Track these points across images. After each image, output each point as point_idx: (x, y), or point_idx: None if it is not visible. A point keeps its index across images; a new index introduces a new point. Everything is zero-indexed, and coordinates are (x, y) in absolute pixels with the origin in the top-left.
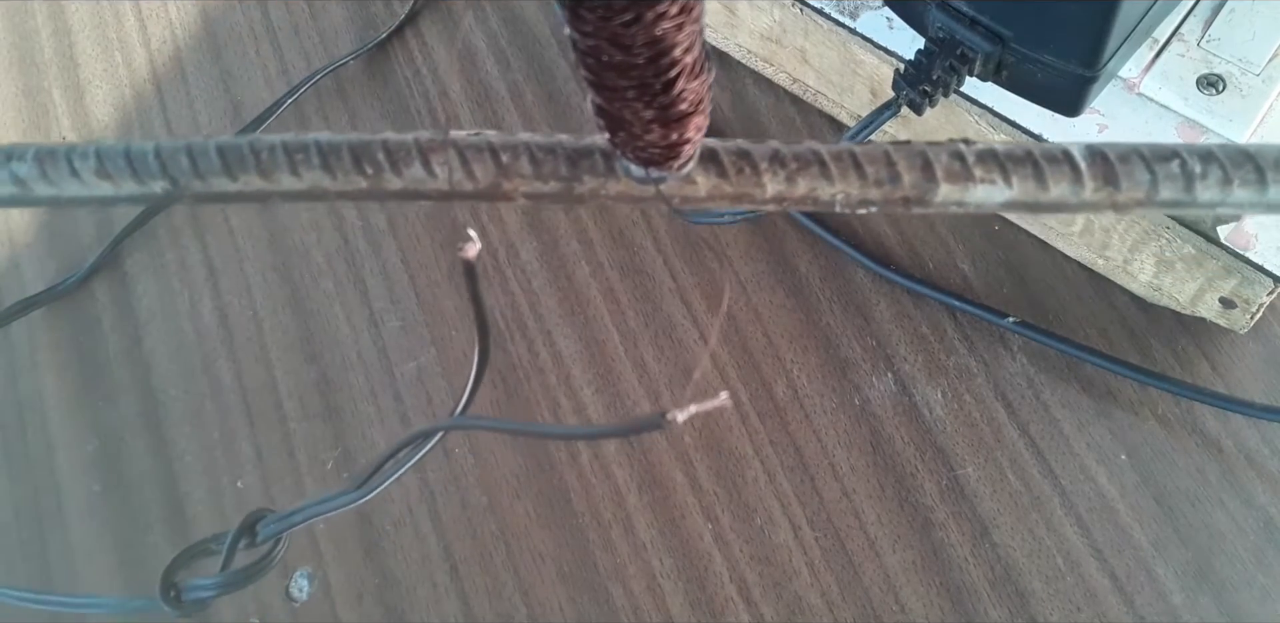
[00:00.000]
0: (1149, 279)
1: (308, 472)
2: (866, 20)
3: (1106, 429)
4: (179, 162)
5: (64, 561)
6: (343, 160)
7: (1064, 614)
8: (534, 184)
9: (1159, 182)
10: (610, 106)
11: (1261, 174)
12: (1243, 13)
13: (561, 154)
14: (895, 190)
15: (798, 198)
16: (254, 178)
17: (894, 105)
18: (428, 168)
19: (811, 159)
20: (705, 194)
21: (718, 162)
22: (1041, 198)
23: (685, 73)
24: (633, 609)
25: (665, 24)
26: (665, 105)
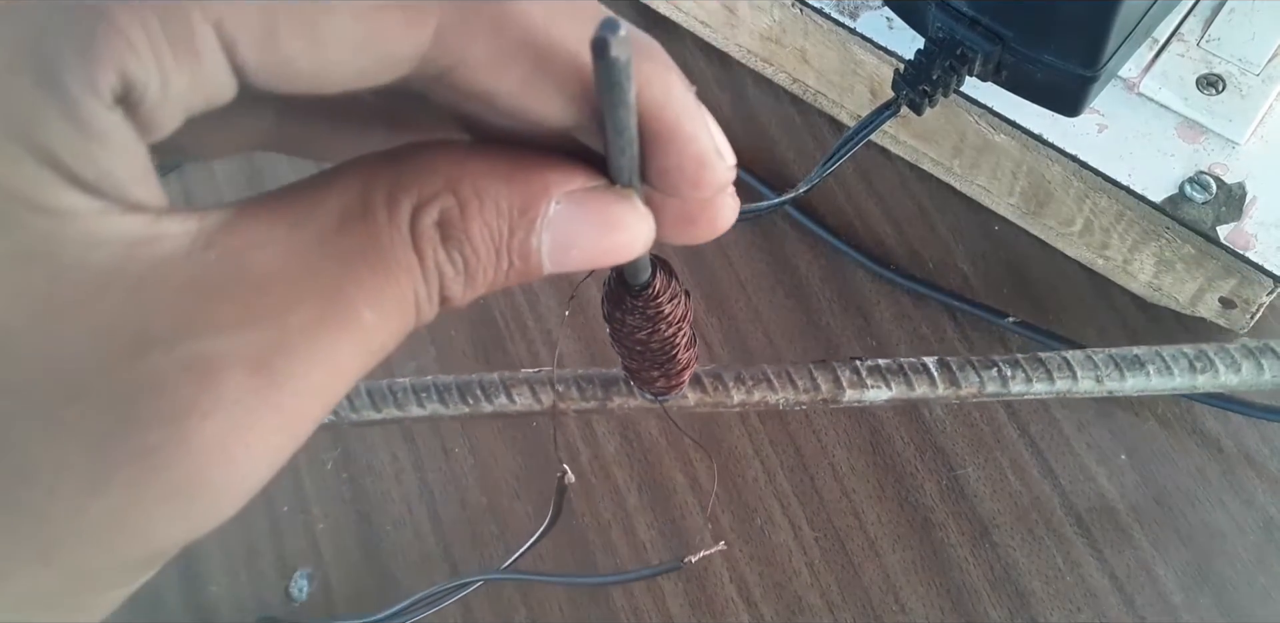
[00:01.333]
0: (1149, 279)
1: (307, 472)
2: (866, 20)
3: (1106, 429)
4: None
5: None
6: (452, 395)
7: (1064, 614)
8: (580, 404)
9: (984, 381)
10: (633, 367)
11: (1049, 374)
12: (1243, 13)
13: (598, 383)
14: (818, 394)
15: (755, 402)
16: (392, 410)
17: (894, 105)
18: (509, 398)
19: (761, 378)
20: (693, 404)
21: (701, 384)
22: (911, 395)
23: (681, 350)
24: (632, 610)
25: (669, 331)
26: (668, 369)
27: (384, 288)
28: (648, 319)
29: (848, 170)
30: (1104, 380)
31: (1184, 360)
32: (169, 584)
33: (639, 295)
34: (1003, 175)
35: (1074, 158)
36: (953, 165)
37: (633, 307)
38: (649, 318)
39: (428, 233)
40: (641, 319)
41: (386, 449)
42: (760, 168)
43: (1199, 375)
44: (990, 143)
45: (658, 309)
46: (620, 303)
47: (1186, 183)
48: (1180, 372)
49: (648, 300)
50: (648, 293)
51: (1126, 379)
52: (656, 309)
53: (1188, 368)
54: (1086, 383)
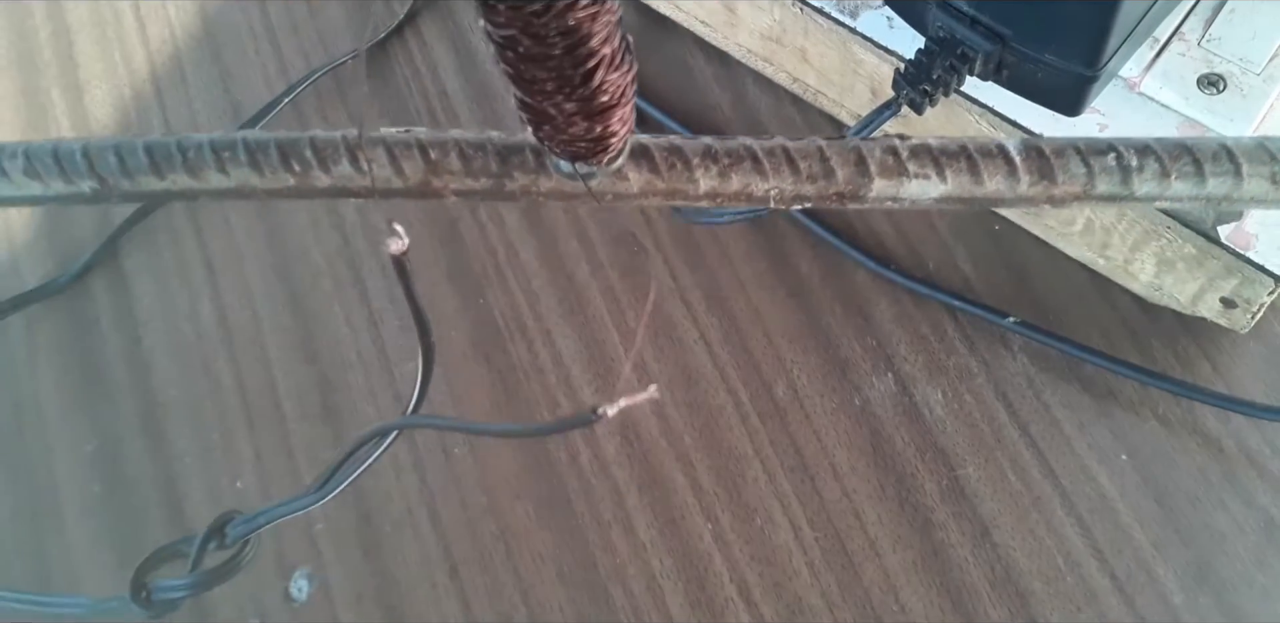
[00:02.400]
0: (1150, 279)
1: (307, 472)
2: (867, 19)
3: (1107, 429)
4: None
5: (62, 561)
6: (270, 158)
7: (1064, 615)
8: (464, 181)
9: (1095, 175)
10: (532, 100)
11: (1199, 167)
12: (1243, 12)
13: (492, 151)
14: (829, 186)
15: (731, 194)
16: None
17: (894, 105)
18: (355, 165)
19: (744, 155)
20: (638, 190)
21: (649, 157)
22: (977, 192)
23: (604, 63)
24: (632, 610)
25: (578, 13)
26: (586, 97)
27: None
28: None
29: None
30: None
31: None
32: None
33: None
34: None
35: None
36: None
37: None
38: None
39: None
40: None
41: (386, 448)
42: None
43: None
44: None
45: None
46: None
47: None
48: None
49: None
50: None
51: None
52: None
53: None
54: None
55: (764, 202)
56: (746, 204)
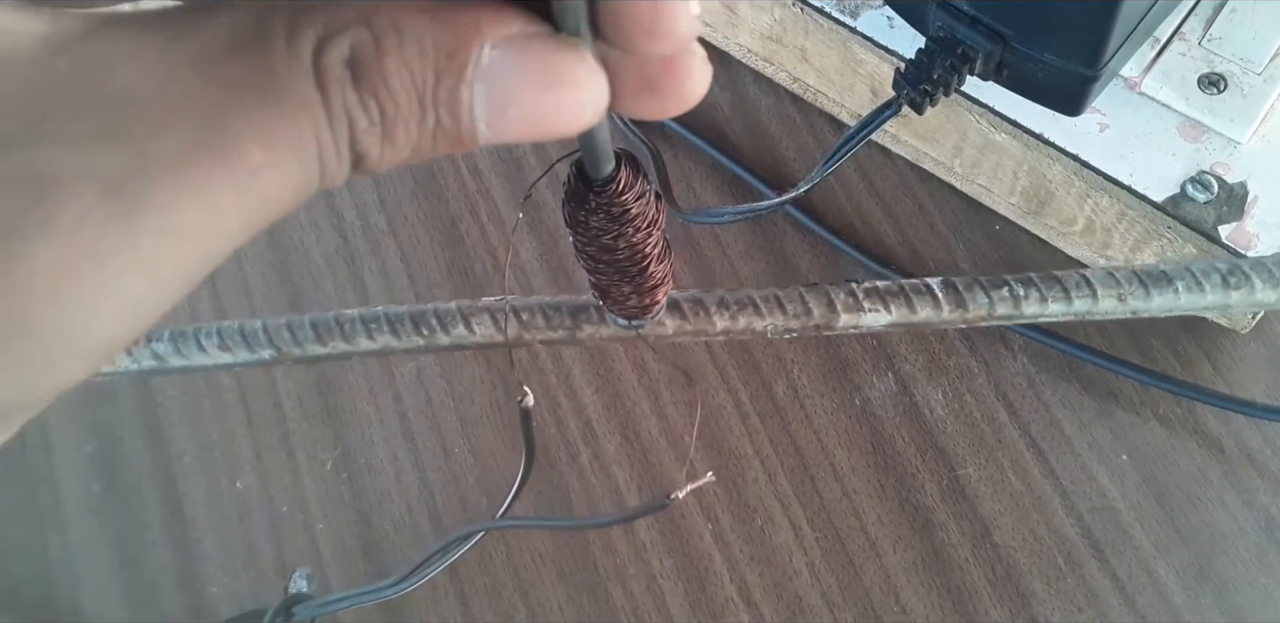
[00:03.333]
0: None
1: (307, 472)
2: (867, 19)
3: (1108, 429)
4: (282, 335)
5: (63, 560)
6: (405, 326)
7: (1065, 615)
8: (546, 333)
9: (994, 303)
10: (600, 284)
11: (1066, 293)
12: (1244, 12)
13: (565, 310)
14: (809, 320)
15: (739, 330)
16: (339, 343)
17: (895, 104)
18: (468, 328)
19: (747, 302)
20: (672, 332)
21: (680, 309)
22: (913, 319)
23: (653, 261)
24: (632, 610)
25: (638, 235)
26: (640, 283)
27: (277, 124)
28: (613, 220)
29: (848, 170)
30: (1127, 299)
31: (1216, 276)
32: (168, 585)
33: (602, 191)
34: (1004, 175)
35: (1075, 157)
36: (954, 165)
37: (596, 206)
38: (614, 218)
39: (335, 69)
40: (606, 220)
41: (386, 449)
42: (761, 167)
43: (1233, 292)
44: (991, 142)
45: (624, 208)
46: (582, 202)
47: (1188, 182)
48: (1212, 288)
49: (612, 197)
50: (612, 188)
51: (1152, 298)
52: (622, 208)
53: (1220, 284)
54: (1108, 302)
55: (763, 334)
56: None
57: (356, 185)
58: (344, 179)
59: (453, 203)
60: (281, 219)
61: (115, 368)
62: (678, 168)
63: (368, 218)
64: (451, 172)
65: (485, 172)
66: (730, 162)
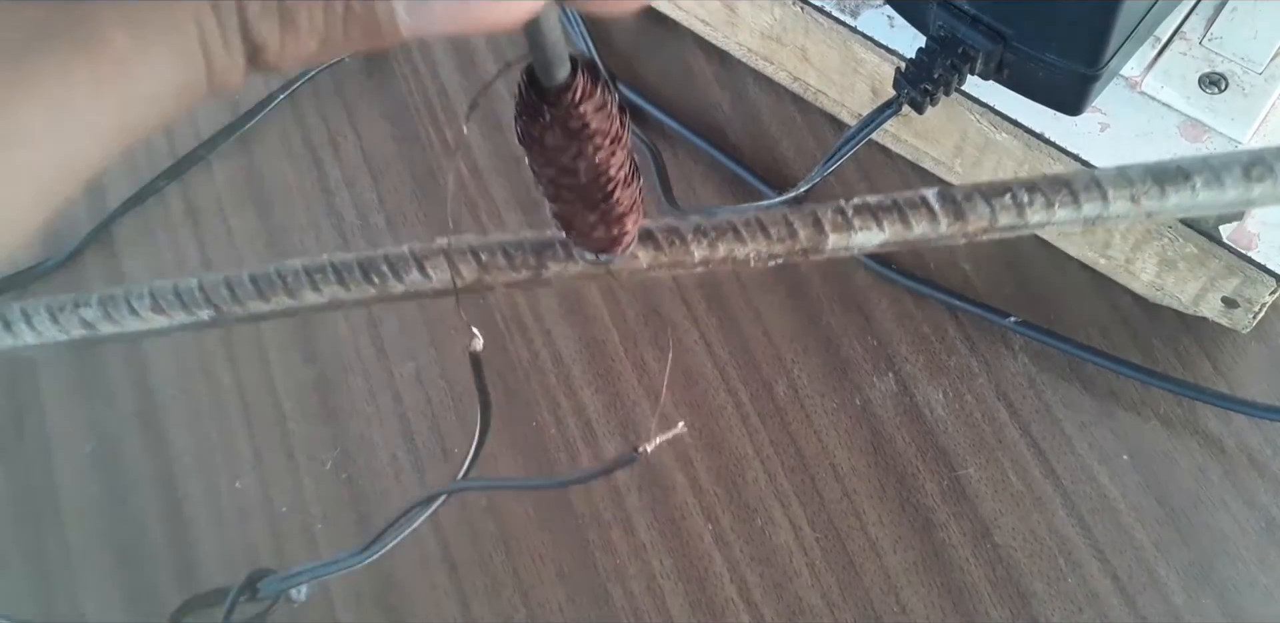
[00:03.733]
0: (1151, 279)
1: (306, 472)
2: (867, 18)
3: (1108, 429)
4: (220, 292)
5: (62, 561)
6: (354, 274)
7: (1066, 615)
8: (509, 275)
9: (996, 212)
10: (563, 212)
11: (1075, 196)
12: (1245, 11)
13: (529, 248)
14: (795, 244)
15: (720, 259)
16: (283, 298)
17: (895, 104)
18: (424, 272)
19: (726, 227)
20: (646, 265)
21: (654, 238)
22: (908, 236)
23: (619, 185)
24: (632, 610)
25: (600, 154)
26: (605, 211)
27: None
28: (570, 135)
29: (849, 169)
30: (1141, 199)
31: (1236, 168)
32: (167, 585)
33: (556, 102)
34: (1004, 174)
35: (1076, 157)
36: (954, 164)
37: (551, 118)
38: (572, 133)
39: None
40: (563, 136)
41: (386, 450)
42: (761, 167)
43: (1255, 185)
44: (992, 142)
45: (581, 120)
46: (535, 115)
47: None
48: (1233, 181)
49: (568, 108)
50: (567, 97)
51: (1169, 196)
52: (580, 120)
53: (1241, 177)
54: (1120, 204)
55: (745, 263)
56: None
57: (355, 184)
58: (240, 77)
59: (452, 204)
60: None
61: (43, 339)
62: (678, 167)
63: (367, 217)
64: (451, 171)
65: (485, 171)
66: (730, 161)
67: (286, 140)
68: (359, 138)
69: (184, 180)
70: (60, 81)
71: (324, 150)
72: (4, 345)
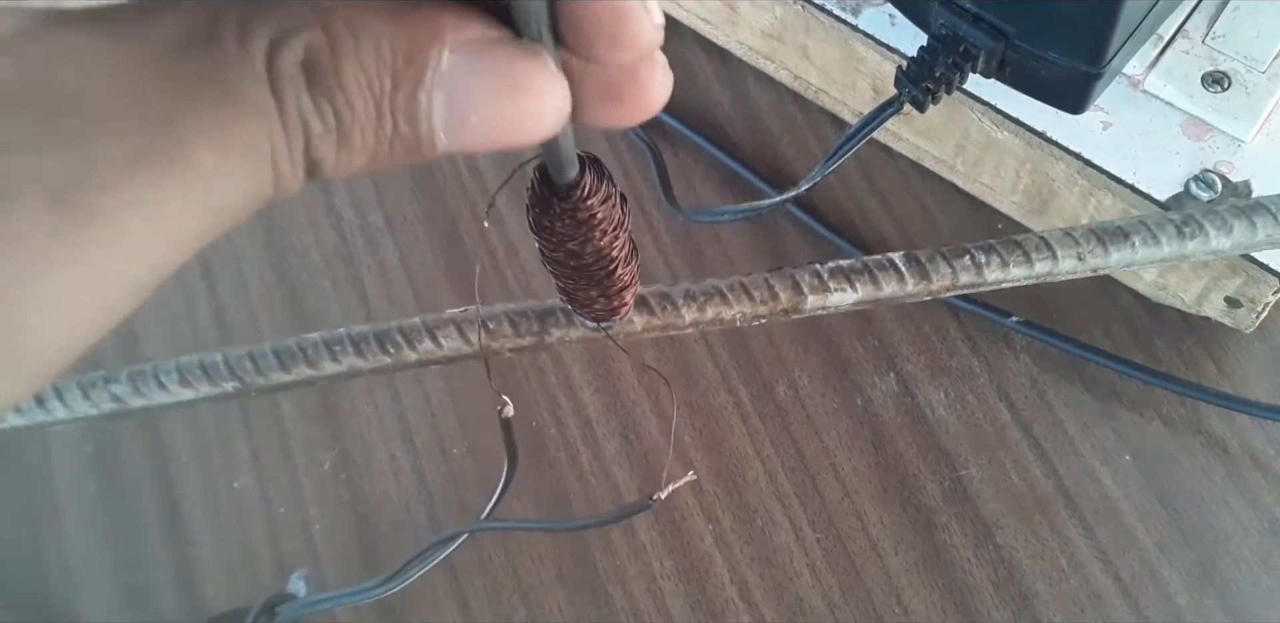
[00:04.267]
0: (1154, 278)
1: (305, 472)
2: (868, 17)
3: (1111, 430)
4: (244, 365)
5: (60, 562)
6: (370, 345)
7: (1068, 616)
8: (515, 341)
9: (957, 272)
10: (567, 288)
11: (1027, 256)
12: (1248, 10)
13: (532, 316)
14: (777, 305)
15: (709, 320)
16: (304, 368)
17: (896, 103)
18: (435, 342)
19: (714, 292)
20: (641, 329)
21: (647, 305)
22: (879, 295)
23: (620, 264)
24: (633, 611)
25: (604, 239)
26: (607, 287)
27: (229, 128)
28: (578, 225)
29: (850, 168)
30: (1086, 258)
31: (1170, 227)
32: (165, 586)
33: (567, 197)
34: (1006, 173)
35: (1078, 156)
36: (956, 163)
37: (561, 211)
38: (580, 223)
39: (289, 72)
40: (571, 225)
41: (385, 449)
42: (762, 166)
43: (1188, 241)
44: (993, 140)
45: (589, 212)
46: (547, 207)
47: (1191, 181)
48: (1168, 240)
49: (577, 202)
50: (576, 193)
51: (1111, 254)
52: (588, 212)
53: (1175, 235)
54: (1068, 262)
55: (732, 323)
56: (720, 328)
57: (355, 184)
58: (299, 187)
59: (452, 203)
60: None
61: (74, 414)
62: (678, 166)
63: (366, 217)
64: (451, 171)
65: (485, 171)
66: (731, 160)
67: None
68: None
69: None
70: (157, 198)
71: None
72: (36, 420)
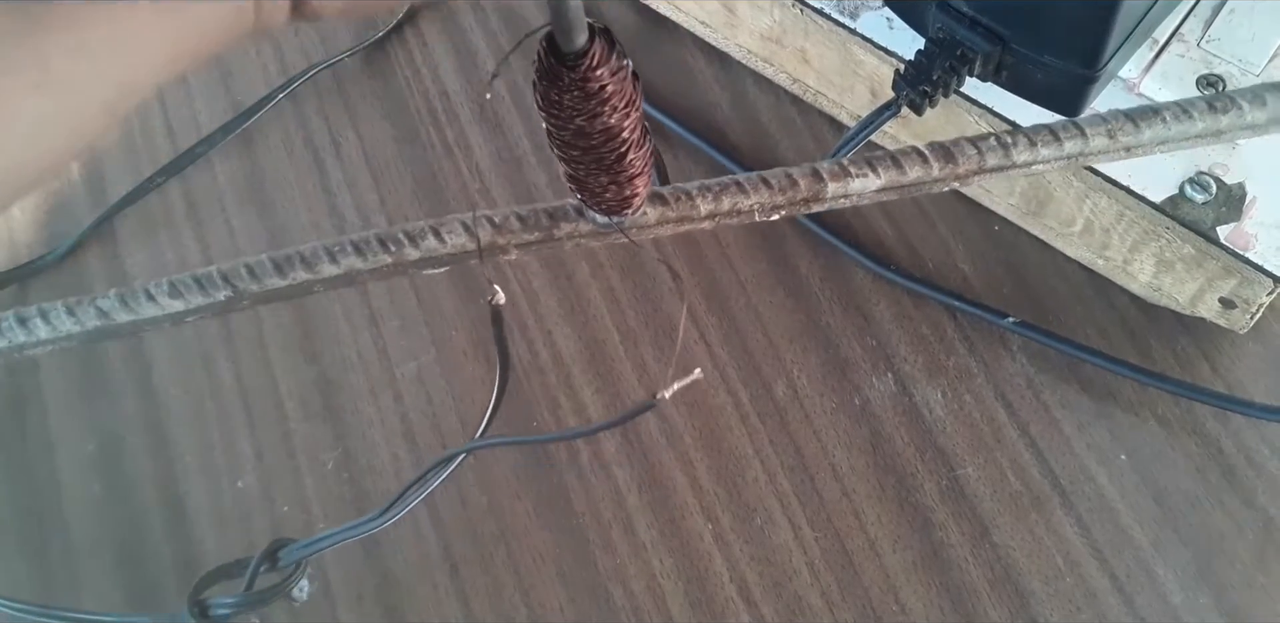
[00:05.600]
0: (1149, 279)
1: (308, 472)
2: (867, 20)
3: (1106, 430)
4: (238, 272)
5: (64, 560)
6: (371, 245)
7: (1064, 615)
8: (522, 236)
9: (984, 153)
10: (576, 174)
11: (1055, 135)
12: (1243, 13)
13: (542, 212)
14: (796, 194)
15: (725, 211)
16: (300, 272)
17: (894, 106)
18: (438, 238)
19: (730, 182)
20: (655, 221)
21: (660, 196)
22: (903, 180)
23: (631, 147)
24: (633, 610)
25: (615, 116)
26: (617, 172)
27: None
28: (587, 97)
29: None
30: (1117, 135)
31: (1201, 103)
32: (169, 585)
33: (575, 66)
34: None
35: None
36: None
37: (569, 81)
38: (589, 95)
39: None
40: (580, 98)
41: (387, 449)
42: (760, 167)
43: (1222, 116)
44: None
45: (598, 83)
46: (554, 78)
47: (1186, 183)
48: (1200, 115)
49: (585, 72)
50: (585, 62)
51: (1142, 130)
52: (597, 83)
53: (1207, 110)
54: (1099, 140)
55: (750, 215)
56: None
57: (357, 185)
58: (283, 19)
59: (453, 203)
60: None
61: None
62: (678, 168)
63: (368, 217)
64: (452, 172)
65: (485, 172)
66: (730, 162)
67: (288, 141)
68: (360, 138)
69: (185, 177)
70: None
71: (325, 151)
72: (18, 341)
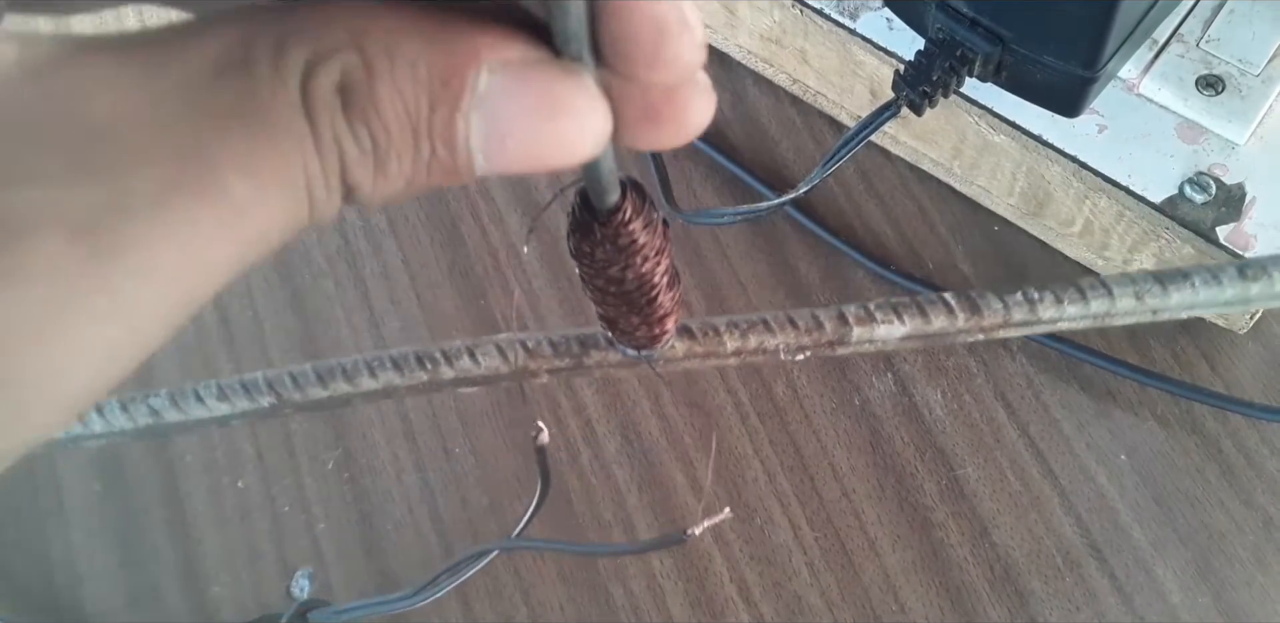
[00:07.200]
0: None
1: (308, 472)
2: (866, 21)
3: (1106, 430)
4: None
5: (65, 560)
6: (409, 363)
7: (1063, 614)
8: (553, 363)
9: (1010, 308)
10: (608, 315)
11: (1083, 294)
12: (1242, 13)
13: (573, 339)
14: (822, 336)
15: (751, 349)
16: (341, 384)
17: (894, 106)
18: (473, 359)
19: (757, 321)
20: (682, 355)
21: (689, 332)
22: (928, 329)
23: (662, 291)
24: (633, 609)
25: (646, 265)
26: (648, 314)
27: (262, 155)
28: (619, 251)
29: (848, 171)
30: (1144, 297)
31: (1232, 270)
32: (170, 585)
33: (607, 222)
34: (1002, 176)
35: (1074, 158)
36: (952, 166)
37: (602, 236)
38: (621, 249)
39: (324, 96)
40: (613, 251)
41: (388, 449)
42: (760, 168)
43: (1252, 284)
44: (990, 143)
45: (630, 238)
46: (587, 233)
47: (1186, 183)
48: (1229, 281)
49: (618, 227)
50: (617, 218)
51: (1170, 295)
52: (629, 238)
53: (1237, 276)
54: (1125, 302)
55: (775, 354)
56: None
57: None
58: (335, 213)
59: (454, 204)
60: None
61: (111, 428)
62: (677, 169)
63: (369, 218)
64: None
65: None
66: (730, 163)
67: None
68: None
69: None
70: (189, 228)
71: None
72: (75, 434)
